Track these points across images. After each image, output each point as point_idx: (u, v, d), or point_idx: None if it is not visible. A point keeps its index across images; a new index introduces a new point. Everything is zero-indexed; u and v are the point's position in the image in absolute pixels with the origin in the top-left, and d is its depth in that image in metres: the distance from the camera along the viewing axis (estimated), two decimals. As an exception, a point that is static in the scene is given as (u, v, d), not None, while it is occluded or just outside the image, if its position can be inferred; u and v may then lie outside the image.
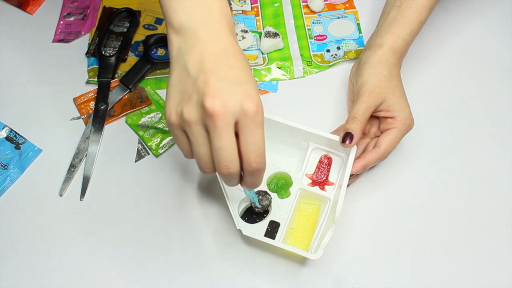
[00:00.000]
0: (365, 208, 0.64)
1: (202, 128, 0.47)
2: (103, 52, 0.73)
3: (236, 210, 0.61)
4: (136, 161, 0.67)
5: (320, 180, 0.64)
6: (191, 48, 0.48)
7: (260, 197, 0.61)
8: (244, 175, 0.49)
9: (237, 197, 0.61)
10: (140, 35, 0.76)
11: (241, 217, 0.62)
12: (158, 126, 0.69)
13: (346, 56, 0.74)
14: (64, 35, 0.77)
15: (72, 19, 0.79)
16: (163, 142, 0.68)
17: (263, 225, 0.61)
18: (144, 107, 0.71)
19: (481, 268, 0.61)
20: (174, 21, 0.50)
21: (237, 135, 0.47)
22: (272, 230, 0.61)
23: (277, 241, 0.59)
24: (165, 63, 0.73)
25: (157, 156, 0.67)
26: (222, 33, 0.49)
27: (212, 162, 0.48)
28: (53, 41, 0.76)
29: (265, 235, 0.60)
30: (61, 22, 0.78)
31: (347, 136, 0.61)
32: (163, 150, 0.67)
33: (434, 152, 0.68)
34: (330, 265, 0.61)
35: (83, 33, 0.77)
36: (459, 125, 0.70)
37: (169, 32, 0.51)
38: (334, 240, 0.60)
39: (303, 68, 0.74)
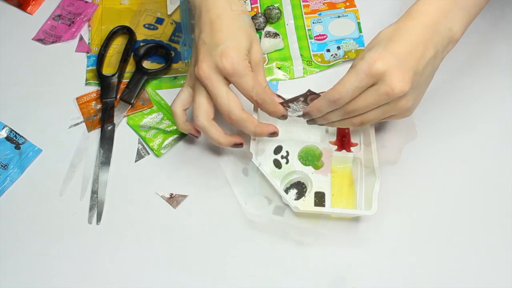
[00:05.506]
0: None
1: None
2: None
3: (281, 187, 0.62)
4: (136, 161, 0.67)
5: (344, 143, 0.66)
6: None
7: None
8: None
9: (282, 173, 0.63)
10: (140, 34, 0.76)
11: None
12: (160, 126, 0.69)
13: (347, 56, 0.74)
14: (45, 36, 0.76)
15: (59, 22, 0.78)
16: (165, 142, 0.68)
17: (310, 198, 0.62)
18: (146, 108, 0.71)
19: (482, 269, 0.61)
20: None
21: None
22: (319, 200, 0.62)
23: (328, 208, 0.61)
24: (161, 70, 0.72)
25: (159, 156, 0.67)
26: None
27: None
28: (32, 39, 0.76)
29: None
30: (48, 22, 0.78)
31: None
32: (165, 151, 0.67)
33: (434, 154, 0.68)
34: (329, 265, 0.61)
35: (63, 39, 0.76)
36: (459, 126, 0.70)
37: None
38: (331, 239, 0.60)
39: (303, 68, 0.74)
